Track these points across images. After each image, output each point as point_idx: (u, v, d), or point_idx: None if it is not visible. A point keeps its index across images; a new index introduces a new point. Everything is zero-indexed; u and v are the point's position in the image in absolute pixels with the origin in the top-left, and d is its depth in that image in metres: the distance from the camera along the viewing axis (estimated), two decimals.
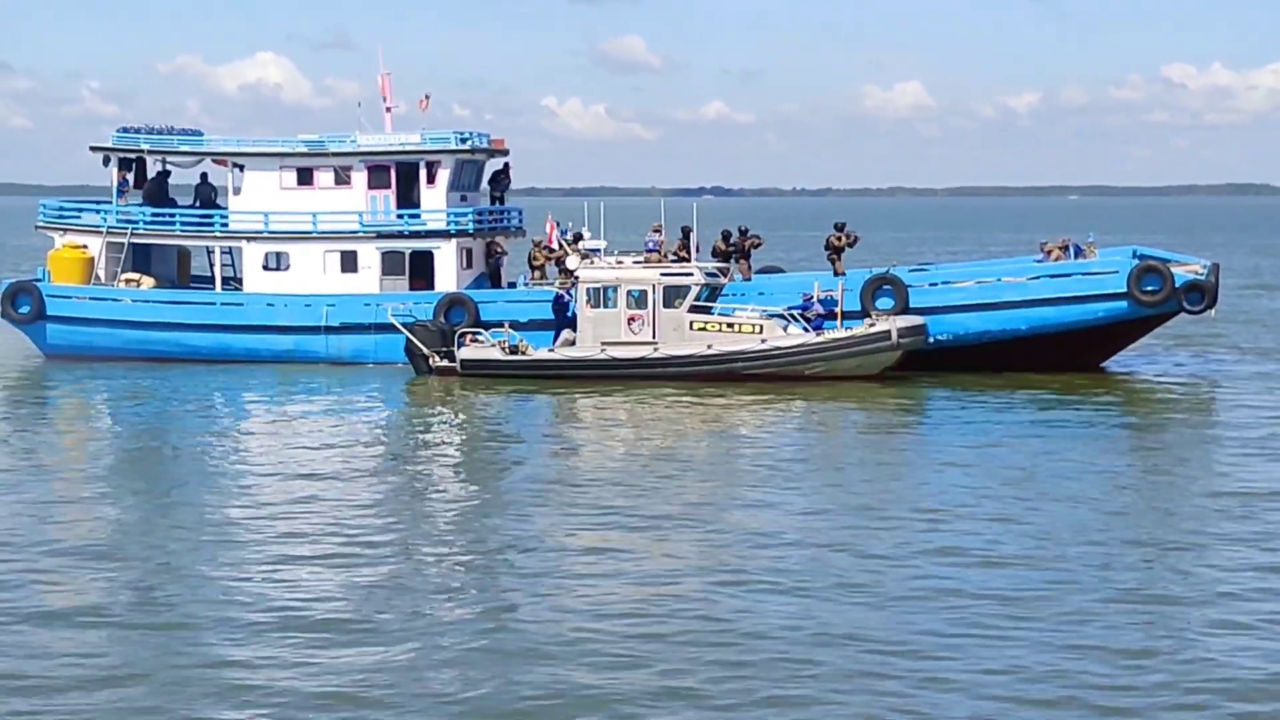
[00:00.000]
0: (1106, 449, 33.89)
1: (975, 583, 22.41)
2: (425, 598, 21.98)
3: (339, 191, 49.96)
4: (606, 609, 21.21)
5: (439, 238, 49.30)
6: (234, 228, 50.53)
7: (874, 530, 25.73)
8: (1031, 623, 20.41)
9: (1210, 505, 27.64)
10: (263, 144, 51.29)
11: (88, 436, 37.64)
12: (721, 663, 18.87)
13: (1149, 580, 22.59)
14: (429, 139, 50.06)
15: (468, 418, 39.62)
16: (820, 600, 21.63)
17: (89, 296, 50.19)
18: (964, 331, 45.64)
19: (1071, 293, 45.49)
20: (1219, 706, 17.48)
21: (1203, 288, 45.36)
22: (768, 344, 44.18)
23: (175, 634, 20.28)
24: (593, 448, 34.96)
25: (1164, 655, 19.15)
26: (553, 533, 25.79)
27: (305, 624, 20.63)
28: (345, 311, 48.15)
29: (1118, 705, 17.48)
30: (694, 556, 24.11)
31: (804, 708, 17.45)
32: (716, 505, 27.97)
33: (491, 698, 17.81)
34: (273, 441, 35.88)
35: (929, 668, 18.63)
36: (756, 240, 48.97)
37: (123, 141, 51.77)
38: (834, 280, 46.51)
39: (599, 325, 44.89)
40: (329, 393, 43.24)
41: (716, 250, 48.67)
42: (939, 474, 30.94)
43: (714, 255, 48.68)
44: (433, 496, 29.66)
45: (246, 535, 25.89)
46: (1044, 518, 26.61)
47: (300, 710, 17.47)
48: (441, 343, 45.70)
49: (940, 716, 17.17)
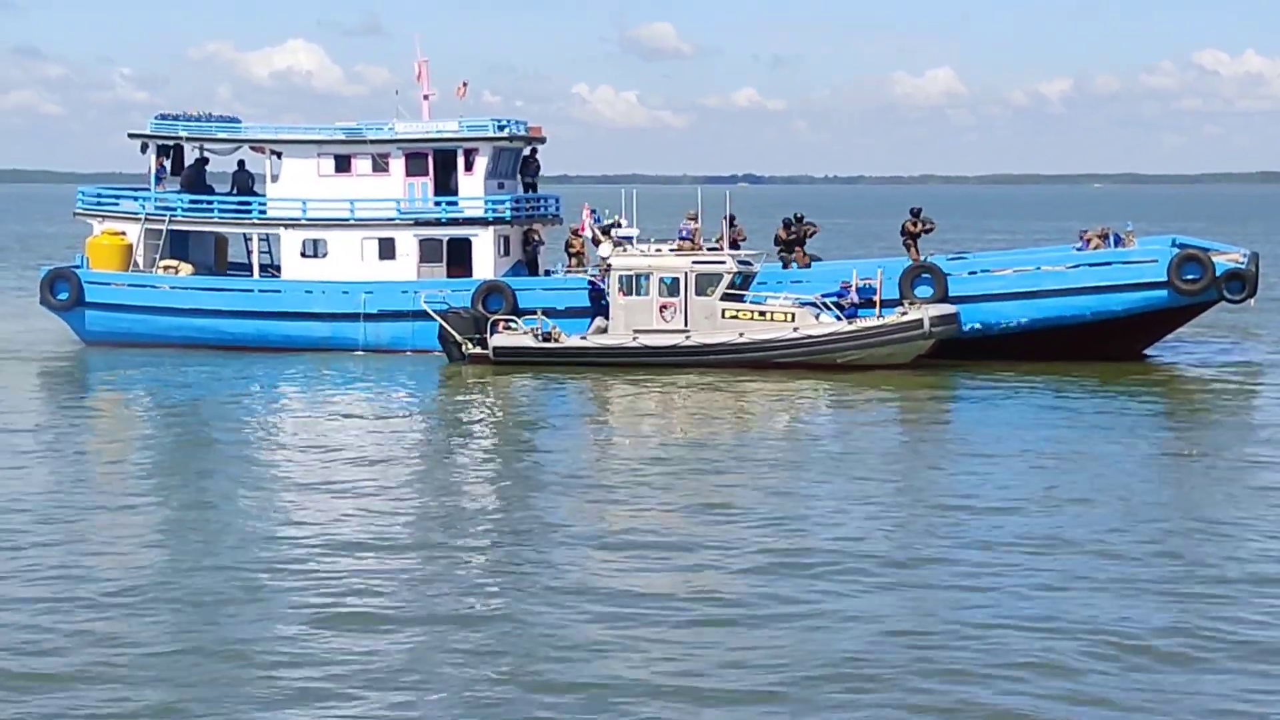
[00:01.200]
0: (1145, 439, 33.70)
1: (1010, 573, 22.31)
2: (456, 584, 22.03)
3: (377, 179, 49.99)
4: (636, 597, 21.20)
5: (476, 225, 49.30)
6: (272, 215, 50.60)
7: (906, 520, 25.67)
8: (1066, 613, 20.30)
9: (1251, 495, 27.49)
10: (300, 131, 51.37)
11: (125, 422, 37.76)
12: (748, 651, 18.86)
13: (1186, 572, 22.50)
14: (467, 126, 50.04)
15: (500, 406, 39.66)
16: (850, 589, 21.59)
17: (127, 283, 50.31)
18: (1003, 320, 45.49)
19: (1111, 281, 45.32)
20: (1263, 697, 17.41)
21: (1243, 276, 45.16)
22: (800, 332, 44.13)
23: (206, 616, 20.39)
24: (623, 436, 35.00)
25: (1200, 644, 19.09)
26: (583, 520, 25.81)
27: (337, 609, 20.69)
28: (383, 299, 48.20)
29: (1152, 700, 17.42)
30: (724, 545, 24.04)
31: (836, 697, 17.41)
32: (747, 494, 27.93)
33: (518, 685, 17.81)
34: (306, 428, 35.93)
35: (962, 658, 18.53)
36: (813, 227, 48.86)
37: (161, 128, 51.89)
38: (871, 269, 46.41)
39: (631, 313, 44.87)
40: (363, 380, 43.30)
41: (779, 239, 48.60)
42: (971, 463, 30.82)
43: (776, 244, 48.65)
44: (463, 485, 29.66)
45: (281, 521, 25.99)
46: (1080, 508, 26.47)
47: (329, 693, 17.56)
48: (474, 330, 45.74)
49: (971, 707, 17.09)
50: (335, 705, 17.30)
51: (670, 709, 17.08)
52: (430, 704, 17.31)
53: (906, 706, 17.13)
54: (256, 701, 17.34)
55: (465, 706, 17.25)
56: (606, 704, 17.20)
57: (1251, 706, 17.16)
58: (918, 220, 47.65)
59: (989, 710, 17.02)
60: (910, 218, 47.81)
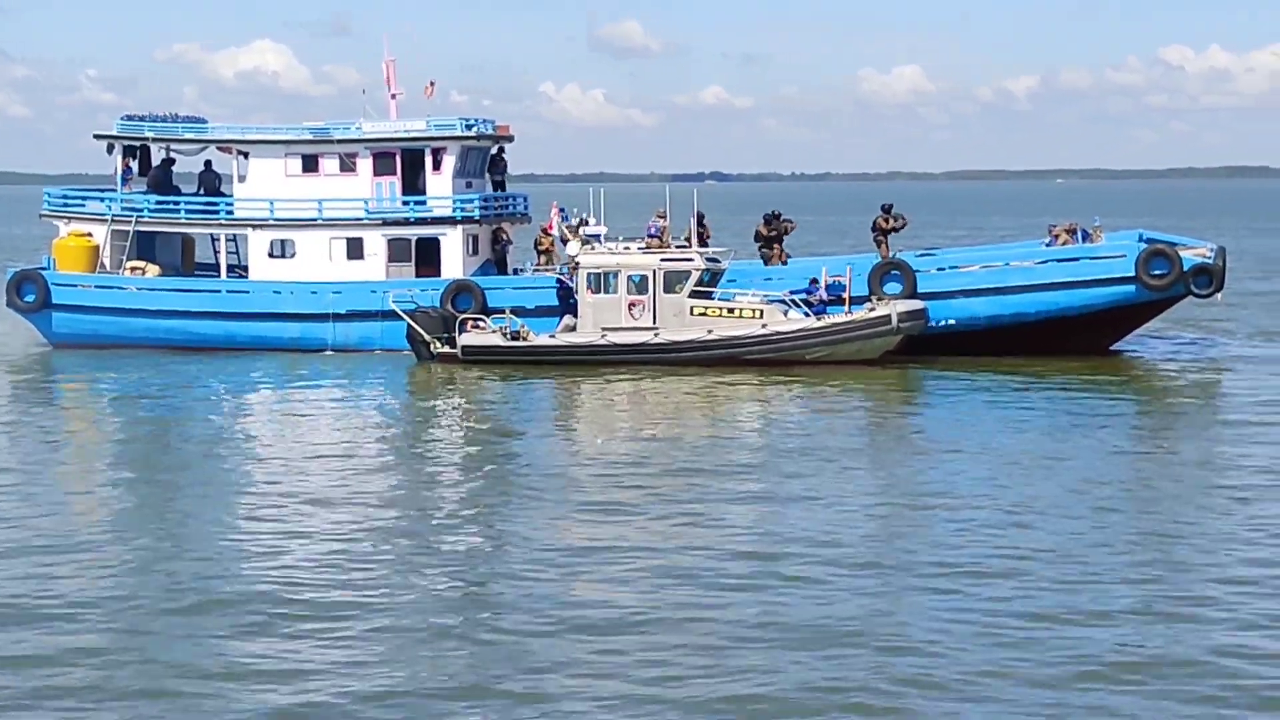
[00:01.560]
0: (1113, 434, 33.76)
1: (977, 571, 22.26)
2: (424, 585, 21.96)
3: (344, 179, 49.90)
4: (603, 595, 21.17)
5: (445, 224, 49.22)
6: (239, 215, 50.46)
7: (878, 520, 25.58)
8: (1033, 610, 20.30)
9: (1219, 492, 27.49)
10: (268, 131, 51.23)
11: (93, 424, 37.63)
12: (714, 648, 18.84)
13: (1155, 567, 22.54)
14: (434, 126, 49.97)
15: (468, 405, 39.63)
16: (816, 586, 21.55)
17: (94, 285, 50.12)
18: (972, 316, 45.59)
19: (1079, 277, 45.46)
20: (1232, 695, 17.46)
21: (1210, 271, 45.33)
22: (768, 329, 44.21)
23: (175, 617, 20.31)
24: (592, 435, 34.94)
25: (1169, 642, 19.13)
26: (551, 519, 25.74)
27: (303, 610, 20.65)
28: (352, 299, 48.10)
29: (1126, 700, 17.43)
30: (692, 544, 24.00)
31: (797, 696, 17.38)
32: (716, 494, 27.89)
33: (485, 685, 17.73)
34: (274, 429, 35.90)
35: (929, 659, 18.44)
36: (790, 224, 48.87)
37: (127, 129, 51.72)
38: (841, 265, 46.49)
39: (600, 311, 44.87)
40: (331, 380, 43.22)
41: (760, 235, 48.61)
42: (941, 460, 30.81)
43: (757, 240, 48.67)
44: (431, 485, 29.52)
45: (248, 522, 25.89)
46: (1047, 504, 26.47)
47: (292, 694, 17.50)
48: (443, 329, 45.71)
49: (938, 709, 17.05)
50: (297, 708, 17.21)
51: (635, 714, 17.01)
52: (395, 707, 17.21)
53: (876, 712, 17.10)
54: (213, 710, 17.23)
55: (430, 709, 17.18)
56: (571, 713, 17.08)
57: (1219, 708, 17.17)
58: (889, 217, 47.69)
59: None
60: (881, 214, 47.85)
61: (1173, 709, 16.94)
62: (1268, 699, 17.21)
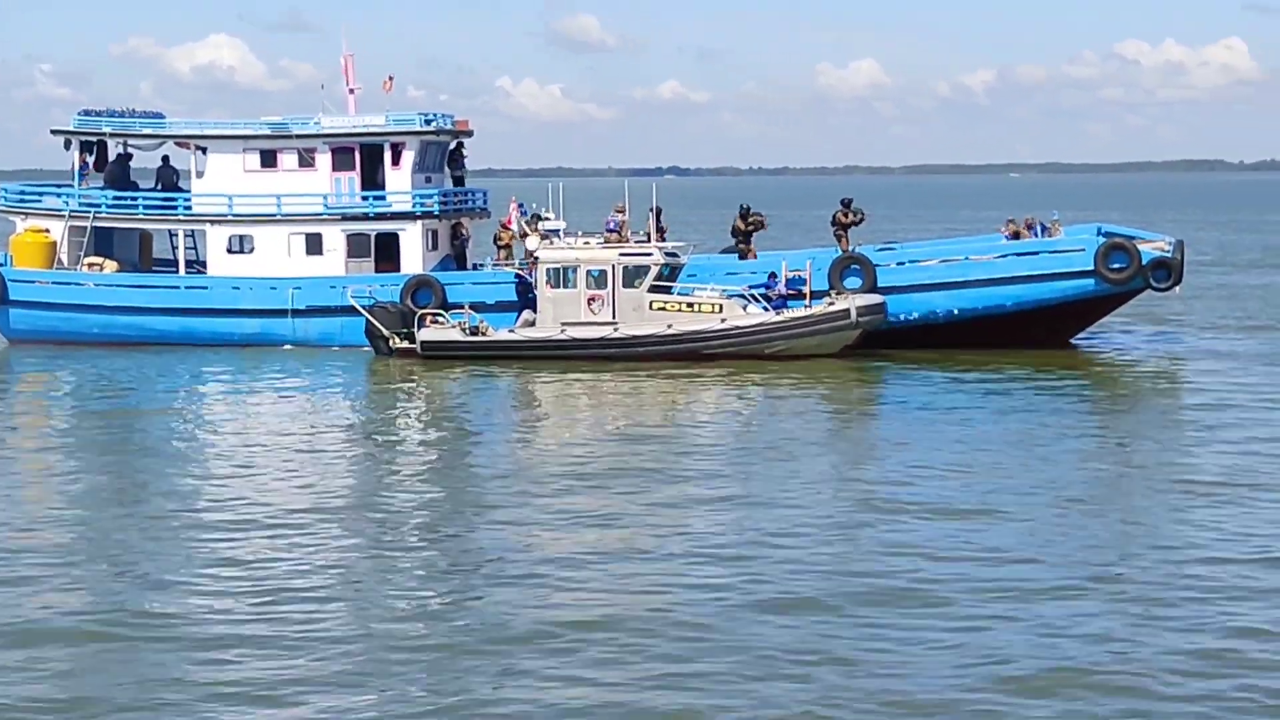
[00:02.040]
0: (1073, 428, 33.83)
1: (935, 563, 22.32)
2: (380, 584, 21.85)
3: (303, 174, 49.73)
4: (563, 592, 21.13)
5: (404, 220, 49.11)
6: (198, 211, 50.24)
7: (833, 517, 25.44)
8: (991, 605, 20.34)
9: (1178, 486, 27.50)
10: (226, 126, 51.01)
11: (52, 421, 37.32)
12: (676, 644, 18.84)
13: (1114, 559, 22.61)
14: (393, 120, 49.86)
15: (427, 400, 39.59)
16: (777, 582, 21.54)
17: (52, 281, 49.85)
18: (932, 310, 45.69)
19: (1039, 270, 45.59)
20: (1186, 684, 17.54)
21: (1169, 265, 45.52)
22: (727, 323, 44.27)
23: (126, 625, 20.08)
24: (551, 430, 34.94)
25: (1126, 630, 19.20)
26: (509, 516, 25.66)
27: (261, 606, 20.60)
28: (311, 294, 47.94)
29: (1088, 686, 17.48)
30: (650, 542, 23.96)
31: (763, 692, 17.36)
32: (674, 488, 27.91)
33: (444, 682, 17.68)
34: (233, 426, 35.70)
35: (891, 668, 18.32)
36: (760, 220, 48.80)
37: (85, 124, 51.45)
38: (801, 260, 46.54)
39: (559, 306, 44.82)
40: (290, 376, 43.09)
41: (736, 229, 48.59)
42: (900, 454, 30.85)
43: (734, 234, 48.64)
44: (388, 482, 29.30)
45: (207, 519, 25.75)
46: (1006, 498, 26.52)
47: (249, 693, 17.42)
48: (401, 324, 45.61)
49: (902, 701, 17.03)
50: (255, 704, 17.16)
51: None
52: (353, 704, 17.13)
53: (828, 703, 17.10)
54: (173, 704, 17.14)
55: (389, 707, 17.11)
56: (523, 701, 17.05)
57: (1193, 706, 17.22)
58: (849, 211, 47.79)
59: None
60: (841, 208, 47.95)
61: (1137, 707, 16.94)
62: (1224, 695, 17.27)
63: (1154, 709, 16.81)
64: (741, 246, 48.39)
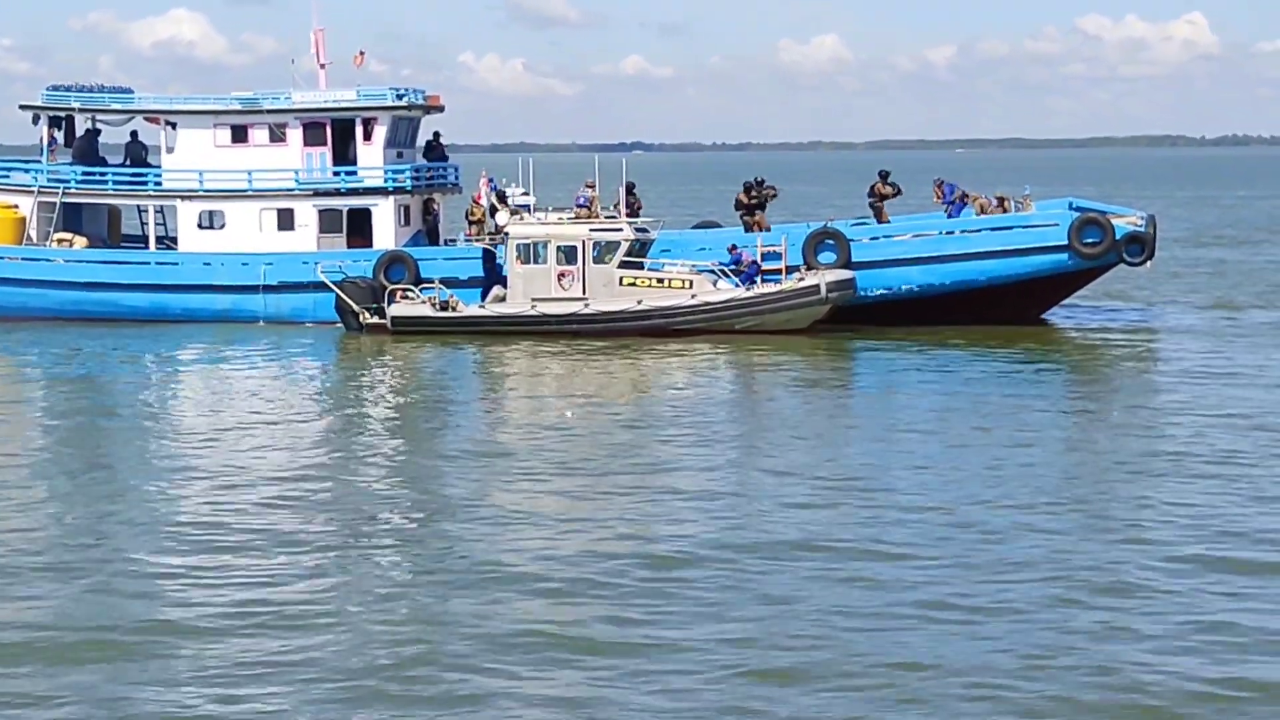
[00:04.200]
0: (1045, 405, 33.69)
1: (904, 546, 22.10)
2: (354, 566, 21.66)
3: (274, 149, 49.48)
4: (535, 568, 21.02)
5: (376, 195, 48.94)
6: (168, 186, 49.96)
7: (803, 498, 25.18)
8: (959, 587, 20.20)
9: (1150, 463, 27.39)
10: (196, 101, 50.75)
11: (21, 398, 37.11)
12: (648, 618, 18.85)
13: (1090, 544, 22.53)
14: (365, 96, 49.64)
15: (397, 376, 39.51)
16: (746, 557, 21.47)
17: (21, 257, 49.53)
18: (907, 284, 45.71)
19: (1013, 245, 45.63)
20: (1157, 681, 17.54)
21: (1142, 239, 45.61)
22: (697, 299, 44.26)
23: (104, 597, 20.02)
24: (521, 405, 34.83)
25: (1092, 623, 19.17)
26: (479, 491, 25.58)
27: (235, 586, 20.44)
28: (283, 270, 47.74)
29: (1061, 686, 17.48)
30: (622, 513, 23.93)
31: (731, 663, 17.34)
32: (645, 461, 27.86)
33: (420, 663, 17.54)
34: (201, 403, 35.54)
35: (865, 649, 18.12)
36: (773, 191, 48.65)
37: (53, 99, 51.10)
38: (775, 236, 46.46)
39: (529, 281, 44.75)
40: (259, 352, 42.90)
41: (740, 203, 48.45)
42: (868, 432, 30.77)
43: (737, 208, 48.52)
44: (362, 457, 29.11)
45: (174, 499, 25.49)
46: (979, 476, 26.40)
47: (229, 677, 17.30)
48: (372, 300, 45.50)
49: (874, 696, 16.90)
50: (233, 695, 16.94)
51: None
52: (328, 694, 16.89)
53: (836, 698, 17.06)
54: (151, 693, 16.96)
55: (364, 696, 16.91)
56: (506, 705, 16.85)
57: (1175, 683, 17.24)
58: (886, 183, 47.76)
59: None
60: (879, 180, 47.85)
61: (1114, 696, 16.82)
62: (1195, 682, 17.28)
63: (1137, 700, 16.72)
64: (746, 219, 48.21)
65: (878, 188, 47.96)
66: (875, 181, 48.01)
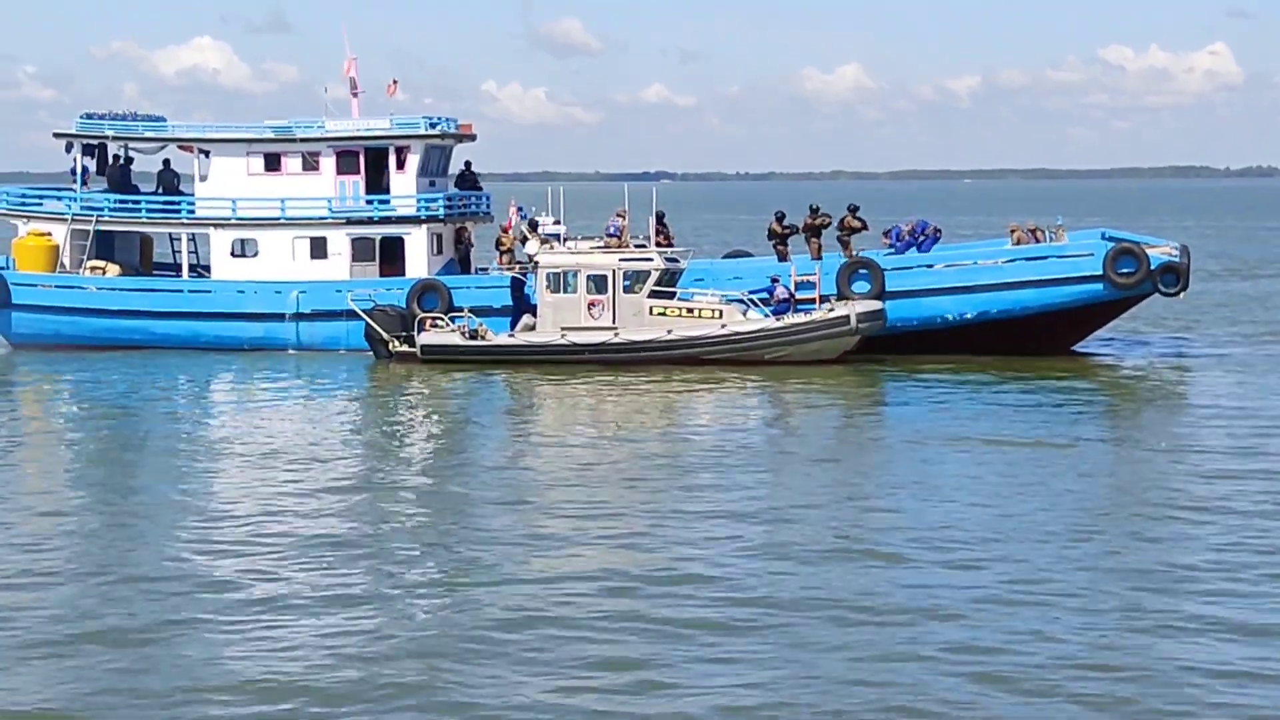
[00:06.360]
0: (1080, 438, 33.30)
1: (936, 574, 22.06)
2: (382, 584, 21.80)
3: (307, 177, 49.58)
4: (562, 597, 20.96)
5: (409, 224, 49.00)
6: (201, 214, 50.05)
7: (834, 521, 25.21)
8: (1004, 633, 19.85)
9: (1186, 496, 27.16)
10: (229, 129, 50.88)
11: (55, 425, 37.15)
12: (676, 648, 18.80)
13: (1126, 579, 22.35)
14: (398, 124, 49.75)
15: (426, 404, 39.50)
16: (773, 585, 21.42)
17: (55, 284, 49.62)
18: (941, 315, 45.58)
19: (1047, 275, 45.50)
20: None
21: (1177, 269, 45.48)
22: (727, 329, 44.22)
23: (135, 617, 20.14)
24: (550, 435, 34.61)
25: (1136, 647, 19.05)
26: (508, 521, 25.51)
27: (263, 609, 20.54)
28: (317, 298, 47.79)
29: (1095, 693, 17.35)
30: (651, 545, 23.82)
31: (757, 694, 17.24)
32: (674, 492, 27.78)
33: (447, 688, 17.55)
34: (232, 430, 35.42)
35: (896, 663, 18.26)
36: (827, 219, 48.14)
37: (87, 127, 51.26)
38: (810, 265, 46.37)
39: (559, 310, 44.73)
40: (290, 380, 42.99)
41: (772, 232, 48.23)
42: (900, 461, 30.67)
43: (770, 237, 48.27)
44: (390, 485, 29.05)
45: (209, 524, 25.55)
46: (1011, 507, 26.25)
47: (257, 695, 17.35)
48: (402, 328, 45.49)
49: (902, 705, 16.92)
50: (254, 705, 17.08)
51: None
52: (356, 704, 17.06)
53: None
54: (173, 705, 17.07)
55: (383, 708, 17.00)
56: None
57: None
58: (855, 216, 47.37)
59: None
60: (848, 214, 47.45)
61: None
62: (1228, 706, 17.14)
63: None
64: (780, 249, 47.94)
65: (846, 221, 47.60)
66: (845, 215, 47.66)
